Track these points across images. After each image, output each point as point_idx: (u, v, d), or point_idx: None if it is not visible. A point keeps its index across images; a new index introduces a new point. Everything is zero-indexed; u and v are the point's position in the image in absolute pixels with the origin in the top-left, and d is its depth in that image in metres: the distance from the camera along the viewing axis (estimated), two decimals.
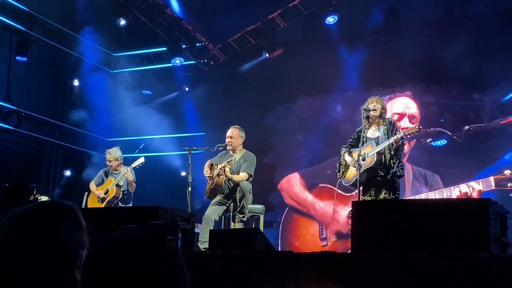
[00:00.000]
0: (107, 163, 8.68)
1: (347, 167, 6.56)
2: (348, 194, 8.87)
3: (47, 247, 1.45)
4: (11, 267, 1.46)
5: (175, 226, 1.37)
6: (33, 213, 1.53)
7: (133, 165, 8.55)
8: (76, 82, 12.83)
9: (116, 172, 8.61)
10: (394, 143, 6.08)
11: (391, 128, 6.34)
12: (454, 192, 9.56)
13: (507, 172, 9.15)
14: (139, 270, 1.23)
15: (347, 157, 6.52)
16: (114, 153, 8.64)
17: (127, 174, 8.36)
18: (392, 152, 6.14)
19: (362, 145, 6.38)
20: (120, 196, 8.42)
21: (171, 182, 10.92)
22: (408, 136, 6.29)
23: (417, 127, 6.14)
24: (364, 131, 6.40)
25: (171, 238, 1.30)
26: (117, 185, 8.42)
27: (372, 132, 6.43)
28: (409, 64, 10.12)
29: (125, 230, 1.31)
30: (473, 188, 9.34)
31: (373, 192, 6.25)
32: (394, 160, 6.16)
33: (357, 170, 6.21)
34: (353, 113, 9.85)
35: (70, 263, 1.47)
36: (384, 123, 6.36)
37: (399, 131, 6.21)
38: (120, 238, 1.28)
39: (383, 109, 6.45)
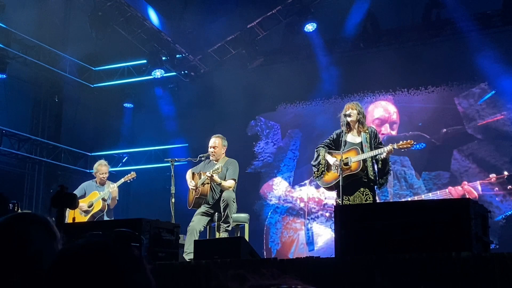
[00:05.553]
0: (101, 175, 8.41)
1: (327, 167, 6.40)
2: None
3: (21, 259, 1.44)
4: None
5: (139, 234, 1.37)
6: (6, 225, 1.52)
7: (123, 179, 8.35)
8: (56, 98, 12.74)
9: (100, 186, 8.49)
10: (385, 155, 6.03)
11: (374, 137, 6.28)
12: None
13: (492, 176, 9.24)
14: (101, 275, 1.22)
15: (330, 158, 6.34)
16: (108, 166, 8.57)
17: (112, 190, 8.22)
18: (380, 165, 6.11)
19: (343, 148, 6.27)
20: (106, 209, 8.33)
21: (155, 194, 10.88)
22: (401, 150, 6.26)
23: (411, 143, 6.06)
24: (344, 135, 6.30)
25: (135, 245, 1.30)
26: (103, 199, 8.30)
27: (353, 137, 6.33)
28: (388, 69, 10.20)
29: (88, 237, 1.30)
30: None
31: (352, 196, 6.18)
32: (386, 171, 6.15)
33: (338, 173, 6.12)
34: (334, 119, 9.88)
35: (43, 274, 1.45)
36: (367, 131, 6.33)
37: (391, 144, 6.10)
38: (83, 244, 1.27)
39: (360, 113, 6.33)
